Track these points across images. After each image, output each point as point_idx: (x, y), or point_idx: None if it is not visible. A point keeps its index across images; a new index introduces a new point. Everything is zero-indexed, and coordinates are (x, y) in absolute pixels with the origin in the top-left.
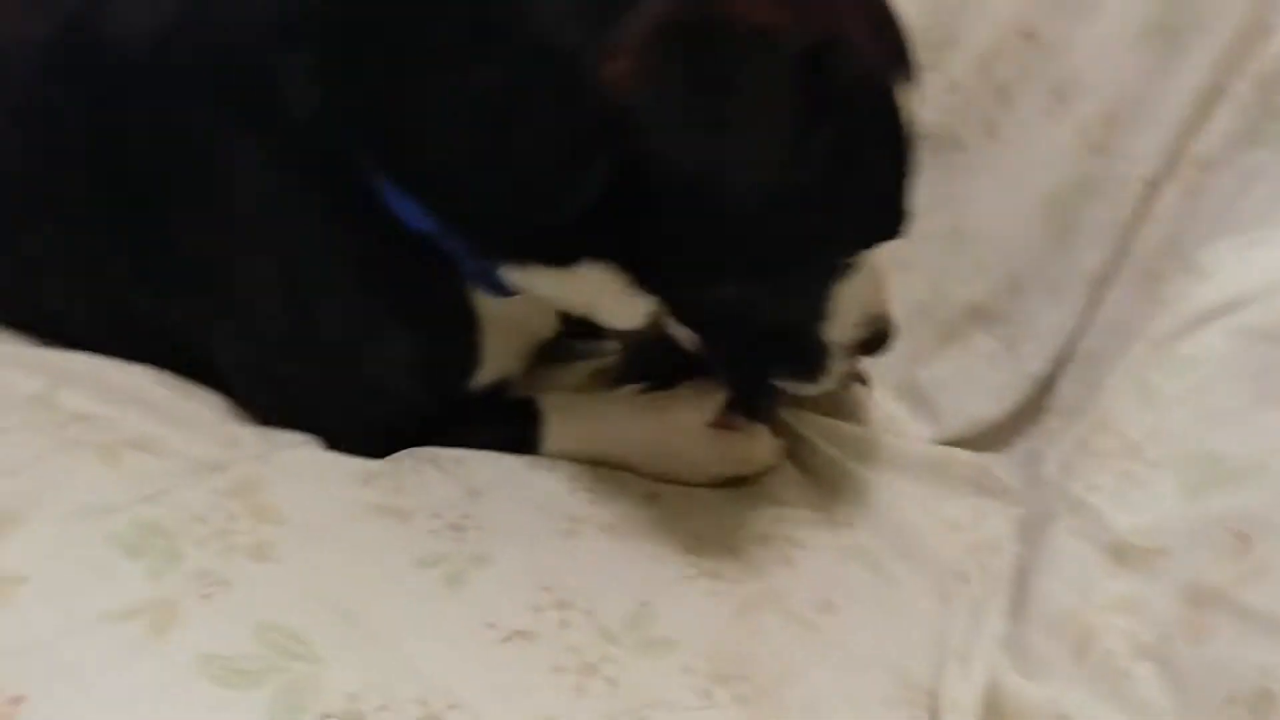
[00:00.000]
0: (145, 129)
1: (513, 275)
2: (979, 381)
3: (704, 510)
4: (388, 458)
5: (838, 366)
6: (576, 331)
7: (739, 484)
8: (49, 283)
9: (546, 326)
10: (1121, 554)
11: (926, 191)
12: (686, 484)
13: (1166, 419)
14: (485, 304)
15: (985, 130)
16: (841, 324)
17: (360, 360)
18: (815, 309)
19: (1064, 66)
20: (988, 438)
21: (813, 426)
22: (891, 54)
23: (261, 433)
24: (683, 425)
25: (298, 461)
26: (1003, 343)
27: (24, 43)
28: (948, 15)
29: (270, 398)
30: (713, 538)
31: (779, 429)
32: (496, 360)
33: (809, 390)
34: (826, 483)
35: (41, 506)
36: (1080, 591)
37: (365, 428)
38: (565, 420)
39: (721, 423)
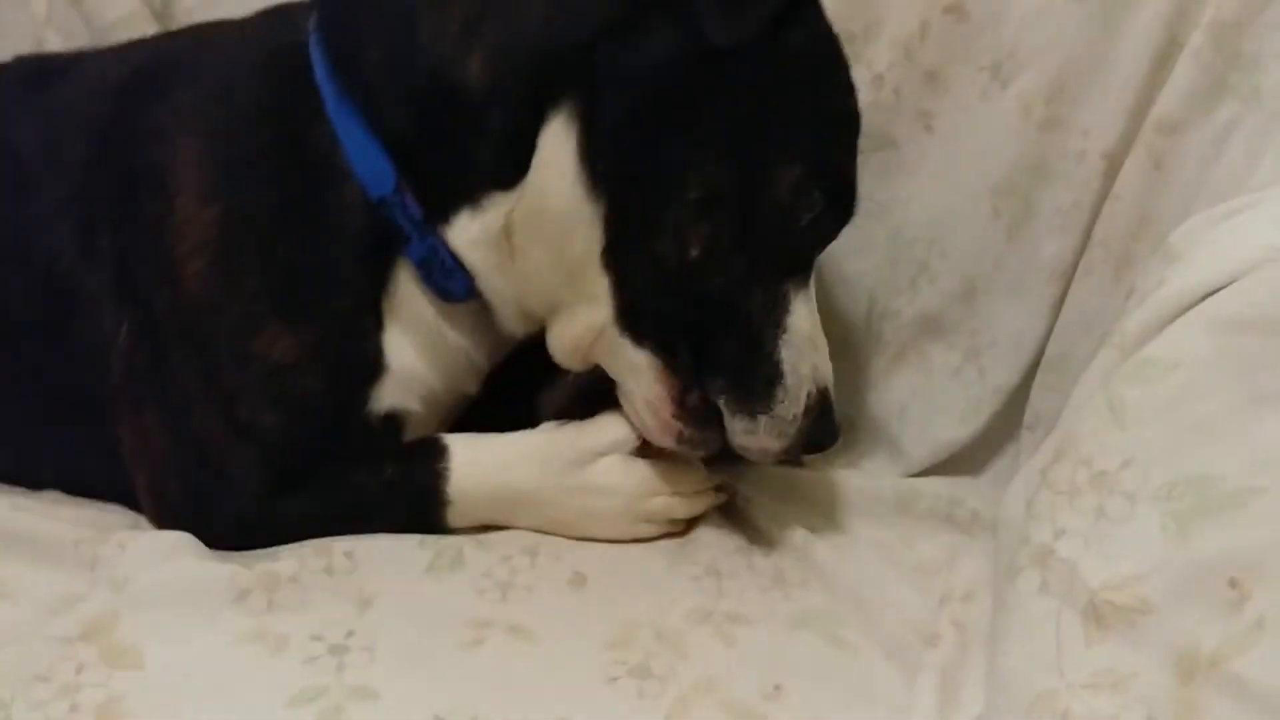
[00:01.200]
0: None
1: (467, 234)
2: (941, 401)
3: (633, 590)
4: (266, 561)
5: (783, 410)
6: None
7: (670, 536)
8: None
9: (472, 361)
10: (1101, 616)
11: (861, 199)
12: (608, 533)
13: (1142, 439)
14: (402, 309)
15: (919, 122)
16: (794, 352)
17: (252, 351)
18: (772, 308)
19: (997, 40)
20: (959, 462)
21: (752, 476)
22: None
23: (124, 546)
24: (602, 447)
25: (161, 583)
26: (963, 355)
27: None
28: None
29: (153, 413)
30: (642, 623)
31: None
32: (403, 378)
33: (748, 427)
34: (771, 540)
35: None
36: (1056, 668)
37: (259, 453)
38: (473, 451)
39: (647, 450)
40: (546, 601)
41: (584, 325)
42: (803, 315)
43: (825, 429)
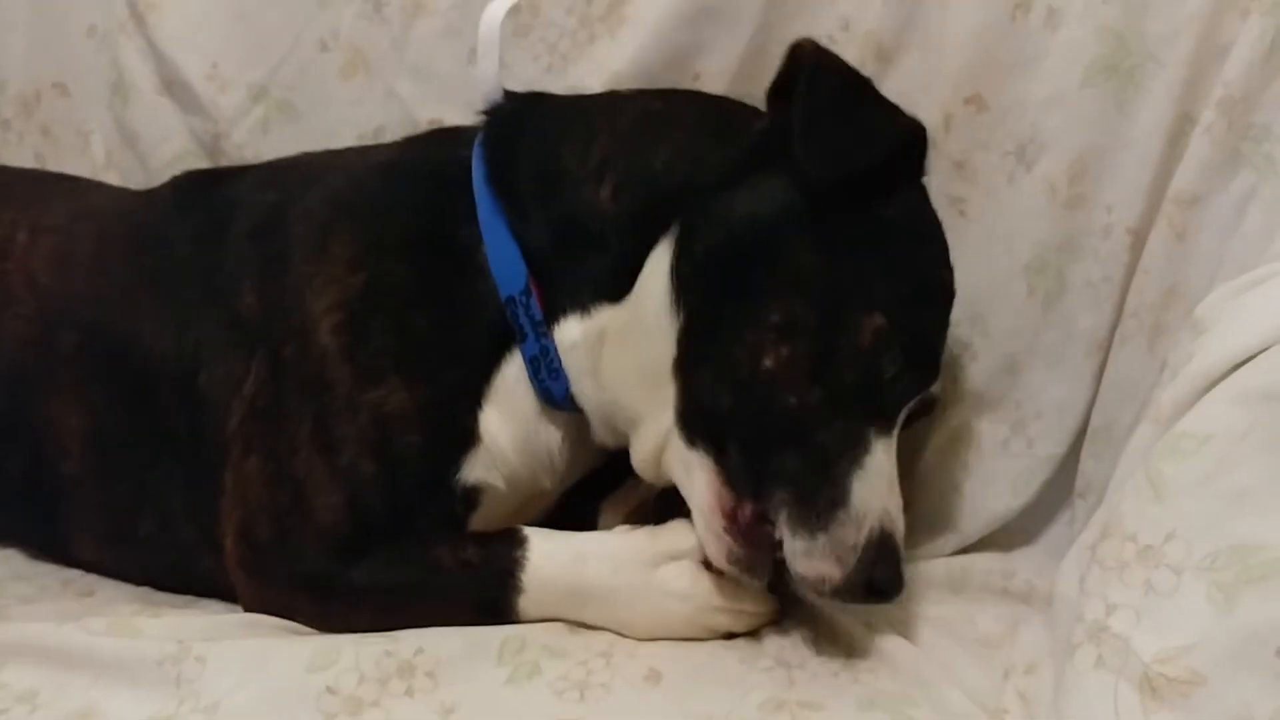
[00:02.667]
0: None
1: (571, 337)
2: (993, 474)
3: (707, 685)
4: (350, 670)
5: (843, 533)
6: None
7: (732, 637)
8: None
9: (554, 463)
10: (1155, 689)
11: None
12: (673, 631)
13: (1182, 512)
14: (504, 396)
15: (952, 209)
16: (866, 487)
17: (367, 400)
18: (850, 444)
19: (1018, 126)
20: (1013, 532)
21: None
22: None
23: (203, 661)
24: (673, 552)
25: (250, 705)
26: (1010, 428)
27: None
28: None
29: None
30: (719, 715)
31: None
32: (492, 454)
33: (806, 549)
34: (835, 629)
35: None
36: None
37: (351, 500)
38: (551, 543)
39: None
40: (624, 699)
41: (655, 434)
42: (881, 459)
43: (889, 573)
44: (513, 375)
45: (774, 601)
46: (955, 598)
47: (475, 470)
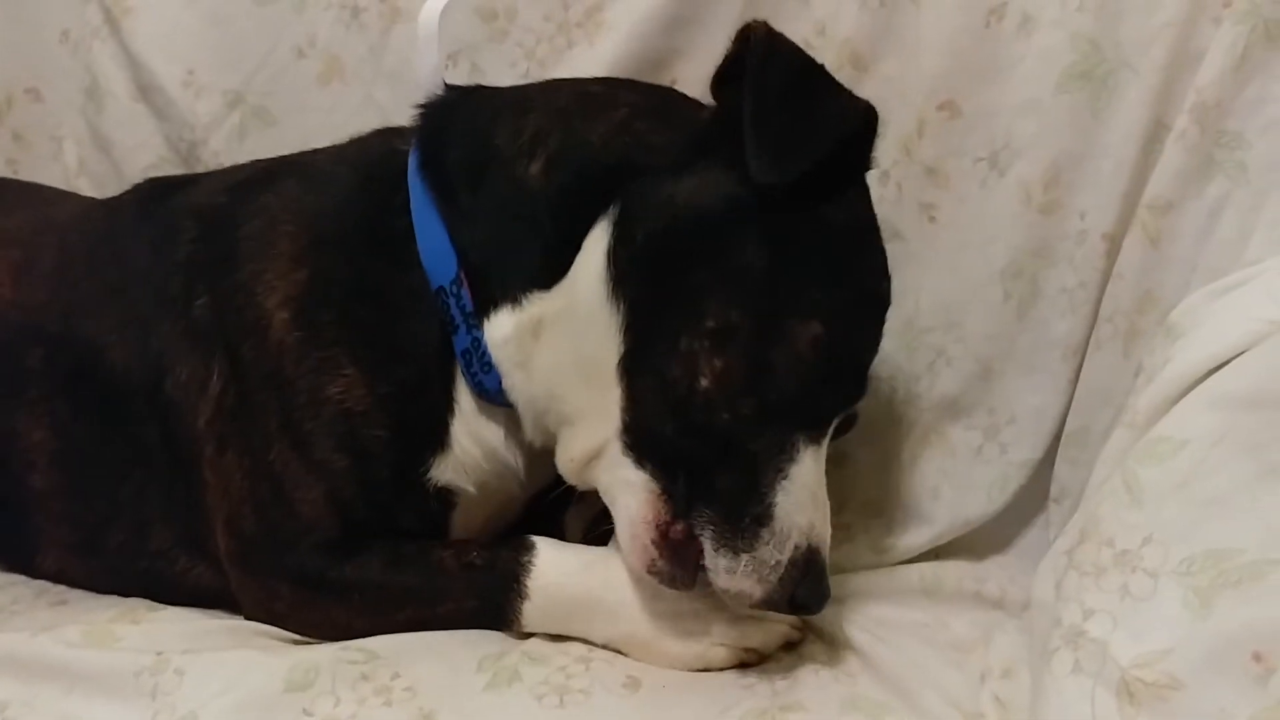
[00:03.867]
0: None
1: (502, 330)
2: (970, 480)
3: (687, 693)
4: (326, 682)
5: (766, 553)
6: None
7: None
8: None
9: (510, 465)
10: (1133, 694)
11: None
12: (680, 653)
13: (1159, 517)
14: (463, 397)
15: (922, 214)
16: (790, 500)
17: (328, 395)
18: (776, 453)
19: (991, 132)
20: (986, 538)
21: None
22: None
23: (181, 674)
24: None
25: (228, 717)
26: (983, 434)
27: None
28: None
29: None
30: None
31: None
32: (462, 460)
33: (729, 566)
34: (816, 633)
35: None
36: None
37: (329, 493)
38: (559, 551)
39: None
40: (603, 705)
41: (591, 439)
42: (808, 469)
43: (813, 589)
44: (461, 373)
45: (784, 635)
46: (929, 603)
47: (445, 473)
